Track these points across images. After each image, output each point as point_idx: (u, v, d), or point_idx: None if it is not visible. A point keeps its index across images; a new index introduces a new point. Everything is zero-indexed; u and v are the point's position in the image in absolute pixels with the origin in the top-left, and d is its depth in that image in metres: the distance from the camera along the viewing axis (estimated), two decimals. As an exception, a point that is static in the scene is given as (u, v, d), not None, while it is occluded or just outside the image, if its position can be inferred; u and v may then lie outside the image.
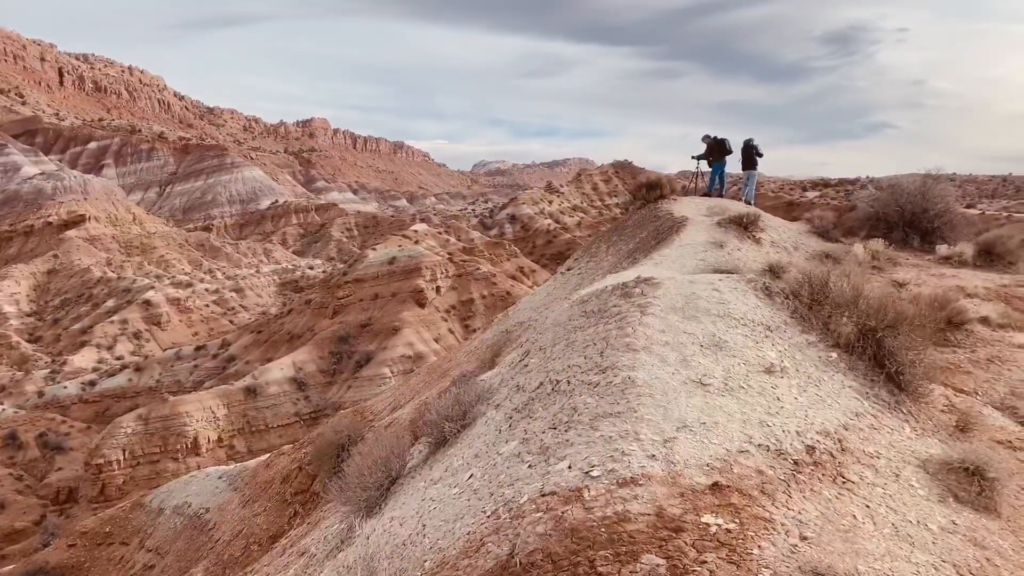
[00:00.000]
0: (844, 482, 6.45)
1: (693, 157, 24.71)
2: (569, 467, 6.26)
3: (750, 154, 24.05)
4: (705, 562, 5.05)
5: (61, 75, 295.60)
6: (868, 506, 6.19)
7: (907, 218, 20.29)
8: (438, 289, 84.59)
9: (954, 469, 7.09)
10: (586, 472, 6.07)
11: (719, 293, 9.34)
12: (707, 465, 6.14)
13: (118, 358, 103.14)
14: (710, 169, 24.52)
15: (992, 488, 6.96)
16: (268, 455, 28.31)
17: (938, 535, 6.15)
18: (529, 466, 6.66)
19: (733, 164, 24.58)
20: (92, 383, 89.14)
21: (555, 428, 7.06)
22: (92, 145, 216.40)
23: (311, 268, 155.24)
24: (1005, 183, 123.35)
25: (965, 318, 13.30)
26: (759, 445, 6.61)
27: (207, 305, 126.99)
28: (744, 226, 17.17)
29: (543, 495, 5.99)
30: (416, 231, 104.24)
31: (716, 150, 24.26)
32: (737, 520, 5.45)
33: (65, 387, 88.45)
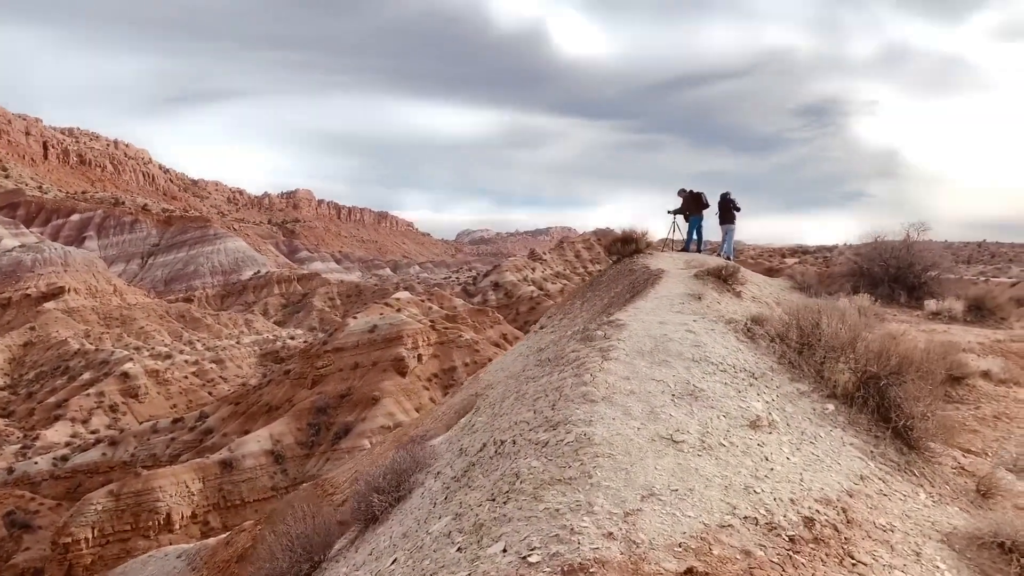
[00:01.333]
0: (854, 564, 5.11)
1: (669, 211, 23.91)
2: (504, 550, 4.89)
3: (727, 208, 23.38)
4: None
5: (46, 148, 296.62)
6: (886, 595, 4.85)
7: (892, 274, 19.89)
8: (419, 357, 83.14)
9: (986, 545, 5.76)
10: (523, 557, 4.71)
11: (694, 335, 7.99)
12: (679, 545, 4.79)
13: (93, 432, 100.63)
14: (687, 224, 23.73)
15: (1033, 568, 5.65)
16: (230, 532, 26.85)
17: (976, 632, 4.82)
18: (459, 549, 5.28)
19: (711, 221, 23.90)
20: (64, 458, 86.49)
21: (493, 500, 5.69)
22: (75, 217, 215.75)
23: (292, 338, 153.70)
24: (980, 249, 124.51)
25: (967, 371, 12.36)
26: (745, 517, 5.28)
27: (186, 376, 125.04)
28: (723, 279, 16.12)
29: (468, 588, 4.62)
30: (398, 299, 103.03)
31: (692, 204, 23.57)
32: (717, 620, 4.10)
33: (36, 463, 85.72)
